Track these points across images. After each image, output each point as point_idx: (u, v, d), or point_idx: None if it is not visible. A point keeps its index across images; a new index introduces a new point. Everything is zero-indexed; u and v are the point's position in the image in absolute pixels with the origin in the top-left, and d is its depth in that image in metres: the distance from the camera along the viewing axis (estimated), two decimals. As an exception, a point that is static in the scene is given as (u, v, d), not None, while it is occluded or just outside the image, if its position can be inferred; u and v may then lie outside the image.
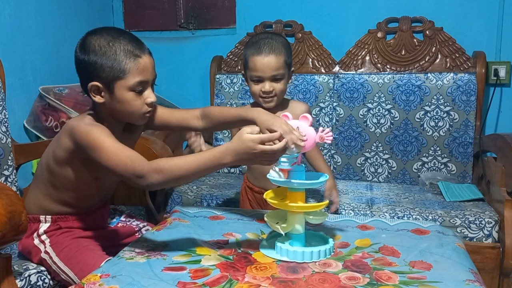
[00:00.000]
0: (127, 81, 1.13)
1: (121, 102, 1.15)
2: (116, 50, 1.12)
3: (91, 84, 1.14)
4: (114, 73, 1.12)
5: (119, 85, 1.13)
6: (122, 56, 1.12)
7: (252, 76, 1.46)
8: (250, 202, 1.60)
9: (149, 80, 1.18)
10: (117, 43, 1.13)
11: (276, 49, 1.44)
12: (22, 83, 2.03)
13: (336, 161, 2.24)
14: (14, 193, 1.05)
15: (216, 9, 2.63)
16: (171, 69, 2.67)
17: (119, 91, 1.14)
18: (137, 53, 1.14)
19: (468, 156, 2.09)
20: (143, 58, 1.15)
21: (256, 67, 1.44)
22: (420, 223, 1.28)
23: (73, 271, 1.19)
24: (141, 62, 1.14)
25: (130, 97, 1.15)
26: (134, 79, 1.13)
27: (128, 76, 1.12)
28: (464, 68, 2.18)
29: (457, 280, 0.94)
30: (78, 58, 1.15)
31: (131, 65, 1.12)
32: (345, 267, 1.00)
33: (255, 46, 1.45)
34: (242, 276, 0.95)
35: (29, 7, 2.06)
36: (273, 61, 1.43)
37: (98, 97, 1.16)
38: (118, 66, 1.11)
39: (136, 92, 1.15)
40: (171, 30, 2.71)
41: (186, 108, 1.37)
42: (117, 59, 1.12)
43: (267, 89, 1.44)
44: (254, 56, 1.44)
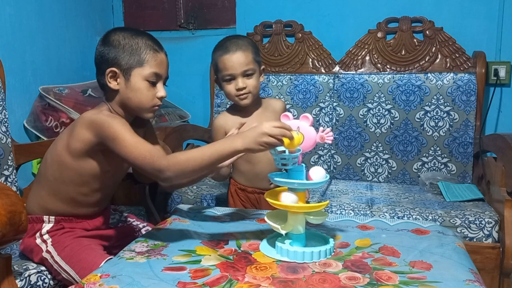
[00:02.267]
0: (144, 70, 1.20)
1: (134, 90, 1.21)
2: (138, 42, 1.21)
3: (109, 69, 1.20)
4: (133, 61, 1.20)
5: (136, 72, 1.20)
6: (143, 47, 1.21)
7: (224, 76, 1.48)
8: (243, 203, 1.59)
9: (163, 75, 1.25)
10: (139, 37, 1.23)
11: (242, 46, 1.47)
12: (22, 83, 2.03)
13: (336, 161, 2.24)
14: (14, 193, 1.05)
15: (216, 9, 2.63)
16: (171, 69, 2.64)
17: (135, 79, 1.21)
18: (157, 48, 1.24)
19: (468, 156, 2.09)
20: (161, 53, 1.25)
21: (226, 66, 1.46)
22: (420, 223, 1.29)
23: (74, 270, 1.19)
24: (159, 56, 1.23)
25: (143, 86, 1.21)
26: (151, 70, 1.21)
27: (146, 65, 1.21)
28: (464, 68, 2.18)
29: (457, 280, 0.94)
30: (100, 50, 1.23)
31: (150, 57, 1.21)
32: (345, 267, 1.00)
33: (222, 48, 1.48)
34: (242, 276, 0.95)
35: (29, 7, 2.06)
36: (241, 56, 1.46)
37: (114, 83, 1.22)
38: (138, 55, 1.20)
39: (150, 83, 1.22)
40: (171, 30, 2.71)
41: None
42: (138, 48, 1.21)
43: (240, 85, 1.46)
44: (222, 56, 1.47)
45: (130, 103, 1.23)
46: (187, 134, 2.20)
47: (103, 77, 1.22)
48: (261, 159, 1.52)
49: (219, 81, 1.52)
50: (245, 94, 1.48)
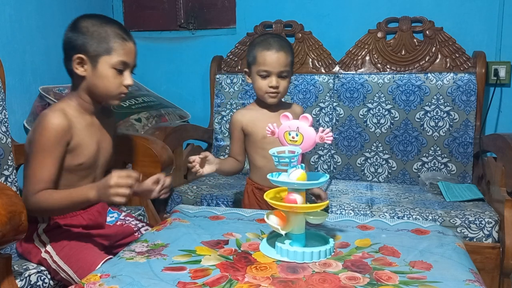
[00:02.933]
0: (111, 58, 1.22)
1: (101, 77, 1.23)
2: (107, 30, 1.23)
3: (77, 55, 1.22)
4: (101, 49, 1.21)
5: (103, 60, 1.22)
6: (112, 36, 1.23)
7: (259, 71, 1.51)
8: (259, 203, 1.58)
9: (131, 64, 1.27)
10: (108, 25, 1.24)
11: (285, 47, 1.51)
12: (22, 83, 2.03)
13: (336, 161, 2.24)
14: (14, 193, 1.05)
15: (216, 9, 2.63)
16: (171, 69, 2.67)
17: (102, 66, 1.22)
18: (125, 37, 1.25)
19: (468, 156, 2.09)
20: (129, 42, 1.26)
21: (265, 62, 1.49)
22: (420, 223, 1.28)
23: (72, 269, 1.19)
24: (127, 45, 1.25)
25: (110, 74, 1.23)
26: (118, 58, 1.23)
27: (113, 53, 1.22)
28: (464, 68, 2.18)
29: (457, 280, 0.93)
30: (67, 35, 1.25)
31: (118, 45, 1.23)
32: (345, 267, 1.00)
33: (265, 43, 1.51)
34: (242, 276, 0.95)
35: (29, 7, 2.06)
36: (283, 57, 1.50)
37: (81, 70, 1.23)
38: (106, 43, 1.22)
39: (117, 71, 1.24)
40: (171, 30, 2.71)
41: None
42: (106, 36, 1.22)
43: (274, 84, 1.50)
44: (264, 51, 1.50)
45: (97, 90, 1.25)
46: (187, 134, 2.20)
47: (70, 63, 1.24)
48: None
49: (252, 73, 1.55)
50: (275, 94, 1.52)
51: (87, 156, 1.27)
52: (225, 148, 2.38)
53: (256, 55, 1.51)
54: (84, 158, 1.26)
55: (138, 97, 2.39)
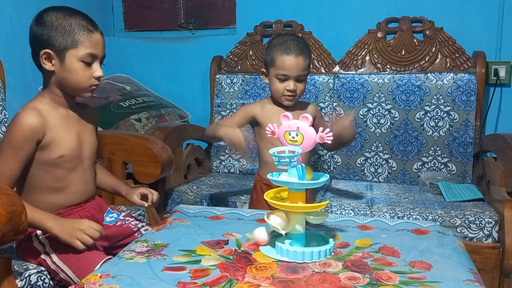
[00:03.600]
0: (78, 51, 1.21)
1: (70, 71, 1.22)
2: (72, 23, 1.21)
3: (43, 51, 1.21)
4: (67, 42, 1.20)
5: (70, 54, 1.21)
6: (77, 28, 1.21)
7: (278, 74, 1.53)
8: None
9: (99, 55, 1.25)
10: (73, 17, 1.22)
11: (304, 52, 1.53)
12: (22, 83, 2.03)
13: (336, 161, 2.24)
14: (14, 193, 1.05)
15: (216, 9, 2.63)
16: (171, 69, 2.67)
17: (70, 60, 1.21)
18: (91, 28, 1.23)
19: (468, 156, 2.09)
20: (96, 33, 1.24)
21: (284, 66, 1.51)
22: (420, 223, 1.28)
23: (72, 270, 1.19)
24: (93, 37, 1.23)
25: (79, 67, 1.22)
26: (85, 50, 1.21)
27: (80, 46, 1.20)
28: (464, 68, 2.18)
29: (457, 280, 0.93)
30: (33, 30, 1.24)
31: (84, 37, 1.21)
32: (345, 267, 1.00)
33: (284, 46, 1.52)
34: (242, 276, 0.95)
35: (29, 7, 2.06)
36: (302, 62, 1.51)
37: (49, 65, 1.22)
38: (72, 36, 1.20)
39: (85, 64, 1.22)
40: (171, 30, 2.71)
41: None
42: (71, 30, 1.20)
43: (292, 88, 1.52)
44: (283, 55, 1.51)
45: (67, 84, 1.24)
46: (187, 134, 2.20)
47: (38, 59, 1.23)
48: None
49: (270, 75, 1.56)
50: (292, 97, 1.54)
51: (68, 148, 1.26)
52: (225, 148, 2.38)
53: (275, 58, 1.52)
54: (64, 150, 1.25)
55: (138, 97, 2.39)
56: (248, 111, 1.60)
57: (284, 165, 1.05)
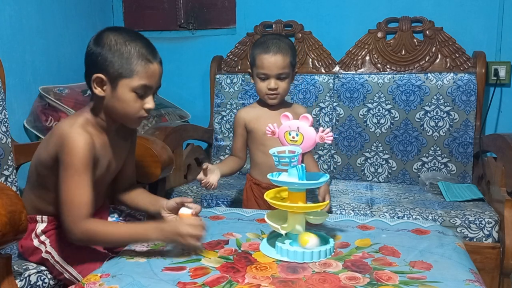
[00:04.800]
0: (132, 81, 1.14)
1: (121, 101, 1.16)
2: (131, 50, 1.14)
3: (96, 75, 1.15)
4: (122, 71, 1.13)
5: (123, 83, 1.14)
6: (135, 56, 1.14)
7: (258, 73, 1.54)
8: (256, 199, 1.61)
9: (153, 87, 1.19)
10: (133, 43, 1.15)
11: (283, 50, 1.52)
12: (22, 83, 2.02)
13: (336, 161, 2.24)
14: (14, 193, 1.05)
15: (216, 9, 2.63)
16: (171, 69, 2.66)
17: (122, 89, 1.15)
18: (150, 58, 1.16)
19: (468, 156, 2.09)
20: (154, 64, 1.16)
21: (263, 65, 1.52)
22: (420, 223, 1.29)
23: (77, 270, 1.19)
24: (151, 68, 1.16)
25: (130, 98, 1.16)
26: (140, 82, 1.14)
27: (135, 77, 1.14)
28: (464, 68, 2.18)
29: (457, 280, 0.94)
30: (90, 49, 1.17)
31: (141, 68, 1.14)
32: (345, 267, 1.00)
33: (264, 46, 1.53)
34: (242, 276, 0.95)
35: (29, 7, 2.06)
36: (280, 60, 1.51)
37: (99, 90, 1.17)
38: (129, 65, 1.13)
39: (137, 95, 1.16)
40: (171, 30, 2.71)
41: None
42: (129, 57, 1.13)
43: (273, 86, 1.53)
44: (262, 54, 1.52)
45: (115, 112, 1.19)
46: (187, 134, 2.20)
47: (90, 81, 1.17)
48: None
49: (253, 75, 1.58)
50: (274, 95, 1.55)
51: (97, 174, 1.22)
52: (225, 148, 2.38)
53: (256, 58, 1.54)
54: (94, 176, 1.20)
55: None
56: (240, 122, 1.61)
57: (284, 165, 1.05)
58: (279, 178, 1.07)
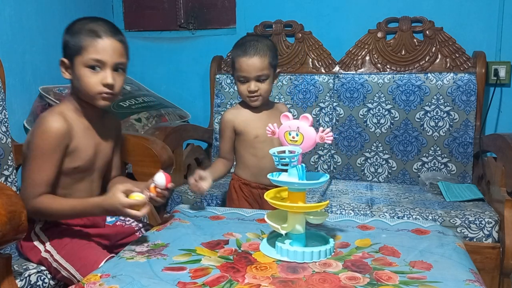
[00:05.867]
0: (83, 57, 1.20)
1: (79, 79, 1.21)
2: (81, 29, 1.21)
3: (60, 59, 1.24)
4: (75, 49, 1.20)
5: (77, 61, 1.20)
6: (83, 33, 1.20)
7: (238, 77, 1.54)
8: (246, 198, 1.60)
9: (107, 62, 1.21)
10: (87, 25, 1.21)
11: (260, 51, 1.50)
12: (22, 83, 2.03)
13: (336, 161, 2.24)
14: (14, 193, 1.05)
15: (216, 9, 2.63)
16: (171, 69, 2.67)
17: (77, 67, 1.21)
18: (100, 34, 1.20)
19: (468, 156, 2.09)
20: (103, 39, 1.20)
21: (241, 68, 1.51)
22: (420, 223, 1.28)
23: (75, 268, 1.19)
24: (100, 42, 1.20)
25: (85, 74, 1.20)
26: (89, 56, 1.19)
27: (84, 52, 1.19)
28: (464, 68, 2.18)
29: (457, 280, 0.94)
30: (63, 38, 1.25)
31: (88, 43, 1.19)
32: (345, 267, 1.00)
33: (241, 48, 1.52)
34: (242, 276, 0.95)
35: (29, 7, 2.06)
36: (258, 62, 1.50)
37: (66, 74, 1.24)
38: (79, 42, 1.20)
39: (92, 70, 1.20)
40: (171, 30, 2.71)
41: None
42: (78, 35, 1.20)
43: (252, 89, 1.51)
44: (240, 57, 1.52)
45: (80, 92, 1.24)
46: (187, 134, 2.20)
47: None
48: (267, 154, 1.52)
49: (234, 78, 1.58)
50: (256, 97, 1.53)
51: (84, 160, 1.26)
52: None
53: (235, 61, 1.54)
54: (81, 161, 1.25)
55: (138, 97, 2.39)
56: (228, 124, 1.59)
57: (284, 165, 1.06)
58: (279, 178, 1.07)
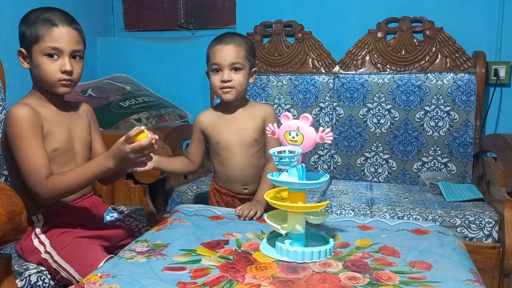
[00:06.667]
0: (40, 45, 1.21)
1: (37, 67, 1.23)
2: (37, 18, 1.22)
3: (18, 50, 1.25)
4: (32, 38, 1.22)
5: (35, 49, 1.22)
6: (40, 23, 1.22)
7: (211, 66, 1.47)
8: (218, 203, 1.59)
9: (64, 50, 1.23)
10: (43, 14, 1.23)
11: (236, 41, 1.46)
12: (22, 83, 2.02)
13: (336, 161, 2.24)
14: (14, 193, 1.05)
15: (216, 9, 2.63)
16: (171, 69, 2.67)
17: (35, 56, 1.23)
18: (56, 22, 1.22)
19: (468, 156, 2.09)
20: (59, 27, 1.22)
21: (215, 56, 1.45)
22: (420, 223, 1.28)
23: (74, 268, 1.19)
24: (56, 30, 1.22)
25: (43, 62, 1.22)
26: (46, 44, 1.21)
27: (41, 41, 1.21)
28: (464, 68, 2.18)
29: (457, 280, 0.94)
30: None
31: (45, 31, 1.21)
32: (345, 267, 1.00)
33: (217, 39, 1.49)
34: (242, 276, 0.95)
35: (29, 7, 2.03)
36: (233, 49, 1.44)
37: (25, 64, 1.26)
38: (35, 31, 1.21)
39: (50, 58, 1.22)
40: (171, 30, 2.71)
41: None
42: (35, 25, 1.22)
43: (226, 78, 1.44)
44: (214, 46, 1.47)
45: (39, 81, 1.25)
46: (187, 134, 2.20)
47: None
48: (231, 162, 1.52)
49: (208, 73, 1.51)
50: (229, 88, 1.46)
51: (61, 141, 1.27)
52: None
53: (209, 51, 1.48)
54: (57, 143, 1.26)
55: (138, 97, 2.39)
56: (197, 127, 1.56)
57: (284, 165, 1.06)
58: (279, 178, 1.07)
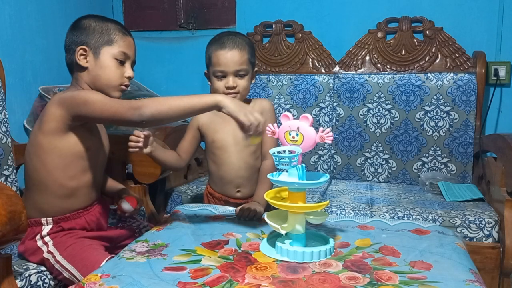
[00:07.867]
0: (113, 48, 1.27)
1: (103, 67, 1.27)
2: (108, 25, 1.29)
3: (80, 47, 1.26)
4: (103, 40, 1.27)
5: (105, 50, 1.27)
6: (113, 29, 1.29)
7: (215, 72, 1.44)
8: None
9: (131, 57, 1.31)
10: (109, 22, 1.30)
11: (240, 45, 1.43)
12: (22, 83, 2.03)
13: (336, 161, 2.24)
14: (14, 193, 1.05)
15: (216, 9, 2.63)
16: (171, 69, 2.67)
17: (104, 56, 1.27)
18: (125, 32, 1.31)
19: (468, 156, 2.09)
20: (129, 37, 1.32)
21: (219, 62, 1.42)
22: (420, 223, 1.28)
23: (76, 268, 1.19)
24: (127, 39, 1.31)
25: (112, 64, 1.27)
26: (120, 49, 1.28)
27: (114, 44, 1.27)
28: (464, 68, 2.18)
29: (457, 280, 0.93)
30: (69, 35, 1.30)
31: (119, 37, 1.28)
32: (345, 267, 1.00)
33: (219, 42, 1.44)
34: (242, 276, 0.95)
35: (29, 7, 2.06)
36: (237, 55, 1.42)
37: (84, 61, 1.27)
38: (109, 35, 1.27)
39: (118, 62, 1.28)
40: (171, 30, 2.71)
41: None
42: (108, 29, 1.28)
43: (231, 84, 1.42)
44: (217, 51, 1.43)
45: (99, 80, 1.27)
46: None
47: (73, 56, 1.27)
48: (225, 162, 1.50)
49: (209, 75, 1.49)
50: (234, 94, 1.44)
51: (92, 141, 1.30)
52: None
53: (211, 56, 1.45)
54: (90, 142, 1.28)
55: (138, 97, 2.39)
56: (193, 124, 1.53)
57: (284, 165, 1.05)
58: (279, 178, 1.07)
